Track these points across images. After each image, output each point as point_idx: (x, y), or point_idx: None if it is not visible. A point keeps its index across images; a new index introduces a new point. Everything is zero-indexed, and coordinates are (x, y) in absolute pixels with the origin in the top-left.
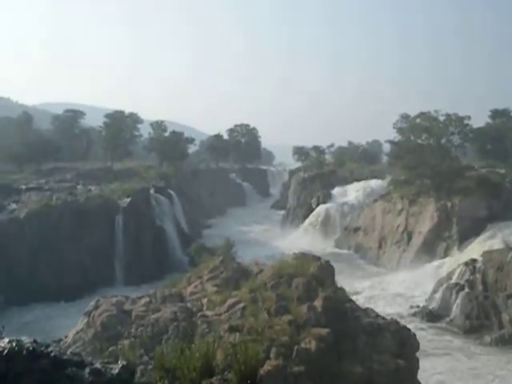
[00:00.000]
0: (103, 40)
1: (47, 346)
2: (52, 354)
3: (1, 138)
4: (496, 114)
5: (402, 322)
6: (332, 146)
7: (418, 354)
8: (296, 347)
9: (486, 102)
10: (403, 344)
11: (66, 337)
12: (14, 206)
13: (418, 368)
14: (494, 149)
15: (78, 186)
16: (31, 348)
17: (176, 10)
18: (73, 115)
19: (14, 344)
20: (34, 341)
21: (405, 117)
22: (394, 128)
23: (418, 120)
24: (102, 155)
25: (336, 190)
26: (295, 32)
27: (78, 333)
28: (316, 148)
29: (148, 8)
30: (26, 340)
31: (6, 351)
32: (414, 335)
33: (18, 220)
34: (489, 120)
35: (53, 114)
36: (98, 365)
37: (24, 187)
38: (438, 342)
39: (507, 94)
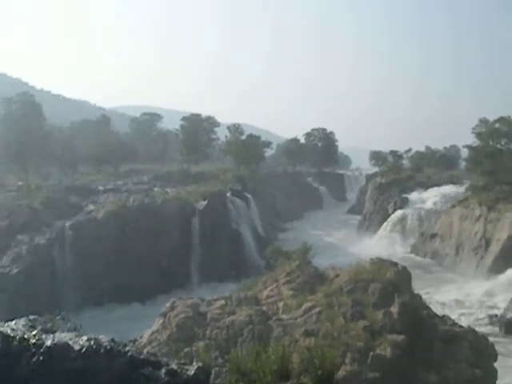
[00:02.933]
0: (181, 44)
1: (124, 346)
2: (129, 354)
3: (79, 140)
4: None
5: (480, 330)
6: (409, 150)
7: (495, 364)
8: (371, 353)
9: None
10: (480, 353)
11: (141, 337)
12: (91, 206)
13: (496, 379)
14: None
15: (155, 188)
16: (109, 347)
17: (254, 12)
18: (150, 118)
19: (91, 342)
20: (112, 340)
21: (484, 121)
22: (472, 133)
23: (497, 125)
24: (179, 158)
25: (413, 196)
26: (361, 32)
27: (153, 333)
28: (393, 153)
29: (225, 10)
30: (104, 339)
31: (84, 349)
32: (492, 345)
33: (96, 220)
34: None
35: (130, 116)
36: (173, 365)
37: (102, 188)
38: None
39: None
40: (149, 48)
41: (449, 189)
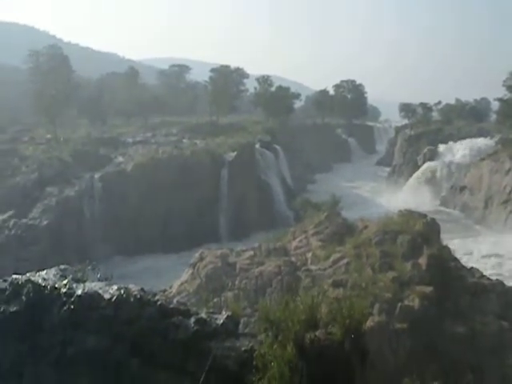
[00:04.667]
0: None
1: (154, 295)
2: (158, 303)
3: (108, 93)
4: None
5: (507, 283)
6: (439, 103)
7: None
8: (399, 304)
9: None
10: (508, 306)
11: (170, 287)
12: (120, 158)
13: None
14: None
15: (184, 140)
16: (138, 296)
17: None
18: (179, 70)
19: (122, 291)
20: (141, 289)
21: None
22: (503, 86)
23: None
24: (208, 110)
25: (442, 148)
26: None
27: (182, 284)
28: (423, 105)
29: None
30: (134, 288)
31: (114, 298)
32: None
33: (125, 172)
34: None
35: (159, 69)
36: (203, 315)
37: (131, 140)
38: None
39: None
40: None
41: (479, 142)
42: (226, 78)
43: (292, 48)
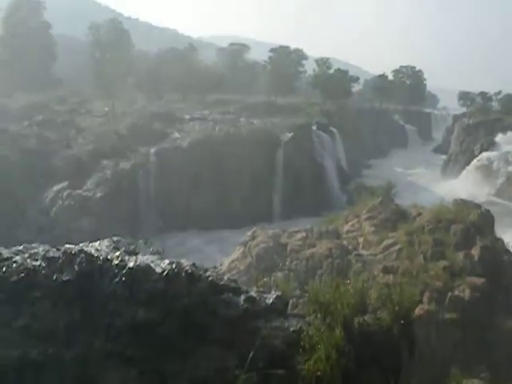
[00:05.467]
0: None
1: (205, 271)
2: (209, 279)
3: (166, 68)
4: None
5: None
6: (499, 93)
7: None
8: (449, 294)
9: None
10: None
11: (221, 265)
12: (177, 134)
13: None
14: None
15: (241, 119)
16: (190, 271)
17: None
18: (238, 49)
19: (173, 266)
20: (193, 264)
21: None
22: None
23: None
24: (266, 90)
25: (501, 138)
26: None
27: (233, 262)
28: (483, 94)
29: None
30: (185, 263)
31: (165, 272)
32: None
33: (181, 148)
34: None
35: (218, 47)
36: (253, 293)
37: (188, 117)
38: None
39: None
40: None
41: None
42: (285, 59)
43: (353, 32)
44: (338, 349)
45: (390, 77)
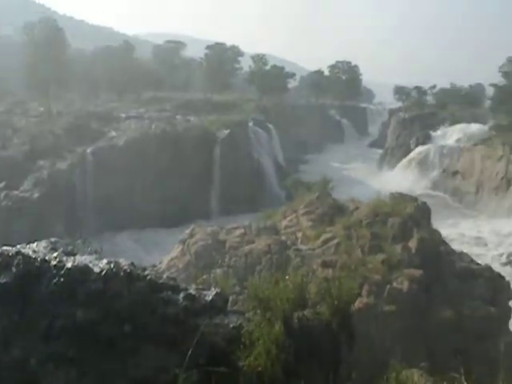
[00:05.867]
0: None
1: (144, 270)
2: (148, 278)
3: (102, 67)
4: None
5: (496, 269)
6: (434, 87)
7: (511, 303)
8: (388, 286)
9: None
10: (496, 291)
11: (160, 263)
12: (113, 133)
13: (510, 317)
14: None
15: (177, 116)
16: (128, 270)
17: None
18: (174, 46)
19: (111, 265)
20: (131, 263)
21: (511, 60)
22: (499, 72)
23: None
24: (202, 87)
25: (436, 132)
26: None
27: (172, 260)
28: (418, 88)
29: None
30: (124, 262)
31: (104, 272)
32: (508, 283)
33: (117, 147)
34: None
35: (154, 44)
36: (192, 290)
37: (124, 115)
38: None
39: None
40: None
41: (472, 127)
42: (221, 56)
43: (288, 29)
44: (278, 344)
45: (326, 72)
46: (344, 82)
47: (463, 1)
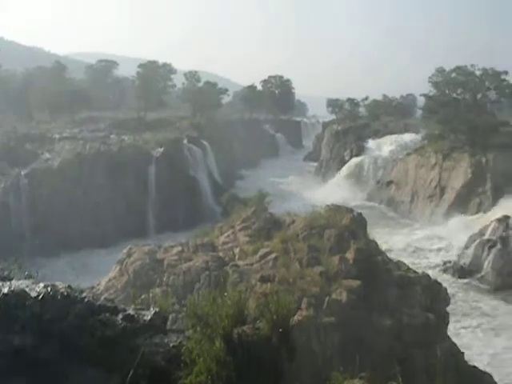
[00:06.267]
0: None
1: (81, 292)
2: (86, 300)
3: (34, 88)
4: None
5: (433, 276)
6: (366, 98)
7: (448, 308)
8: (327, 298)
9: None
10: (434, 298)
11: (98, 284)
12: (47, 155)
13: (447, 322)
14: None
15: (111, 136)
16: (65, 293)
17: None
18: (106, 65)
19: (48, 289)
20: (68, 286)
21: (440, 71)
22: (429, 82)
23: (453, 74)
24: (136, 105)
25: (369, 143)
26: None
27: (110, 280)
28: (350, 100)
29: None
30: (61, 285)
31: (41, 295)
32: (445, 290)
33: (52, 169)
34: None
35: (86, 63)
36: (130, 311)
37: (57, 136)
38: (468, 297)
39: None
40: None
41: (405, 137)
42: (154, 74)
43: (220, 44)
44: (218, 361)
45: (259, 87)
46: (277, 96)
47: (392, 15)
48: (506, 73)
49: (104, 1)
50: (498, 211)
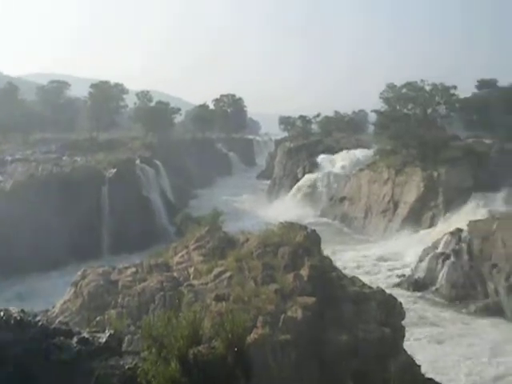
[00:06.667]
0: (85, 9)
1: (35, 316)
2: (40, 324)
3: None
4: (482, 84)
5: (388, 290)
6: (318, 115)
7: (403, 322)
8: (282, 316)
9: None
10: (389, 313)
11: (53, 307)
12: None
13: (403, 336)
14: (480, 119)
15: (64, 157)
16: (19, 318)
17: None
18: (58, 86)
19: (1, 314)
20: (22, 311)
21: (391, 86)
22: (380, 98)
23: (404, 90)
24: (88, 126)
25: (322, 160)
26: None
27: (65, 303)
28: (302, 118)
29: None
30: (14, 310)
31: None
32: (400, 304)
33: (4, 192)
34: (475, 90)
35: (38, 84)
36: (85, 334)
37: (9, 158)
38: (423, 310)
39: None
40: (54, 12)
41: (357, 153)
42: (106, 94)
43: (173, 65)
44: (173, 382)
45: (211, 106)
46: (229, 114)
47: (349, 39)
48: (455, 87)
49: (54, 21)
50: (450, 224)
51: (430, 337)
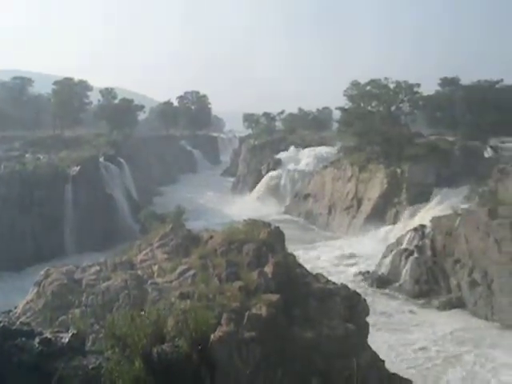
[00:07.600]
0: (49, 4)
1: None
2: (1, 325)
3: None
4: (445, 82)
5: (352, 287)
6: (282, 112)
7: (367, 318)
8: (247, 313)
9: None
10: (353, 309)
11: (15, 308)
12: None
13: (368, 332)
14: (443, 117)
15: (27, 155)
16: None
17: None
18: (21, 82)
19: None
20: None
21: (355, 84)
22: (344, 95)
23: (368, 87)
24: (51, 123)
25: (286, 157)
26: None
27: (28, 303)
28: (266, 115)
29: None
30: None
31: None
32: (364, 300)
33: None
34: (438, 88)
35: (1, 81)
36: (48, 334)
37: None
38: (387, 306)
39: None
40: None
41: (321, 150)
42: (70, 91)
43: (137, 60)
44: (138, 381)
45: (176, 103)
46: (193, 111)
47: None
48: (418, 85)
49: (14, 15)
50: (413, 221)
51: (383, 327)
